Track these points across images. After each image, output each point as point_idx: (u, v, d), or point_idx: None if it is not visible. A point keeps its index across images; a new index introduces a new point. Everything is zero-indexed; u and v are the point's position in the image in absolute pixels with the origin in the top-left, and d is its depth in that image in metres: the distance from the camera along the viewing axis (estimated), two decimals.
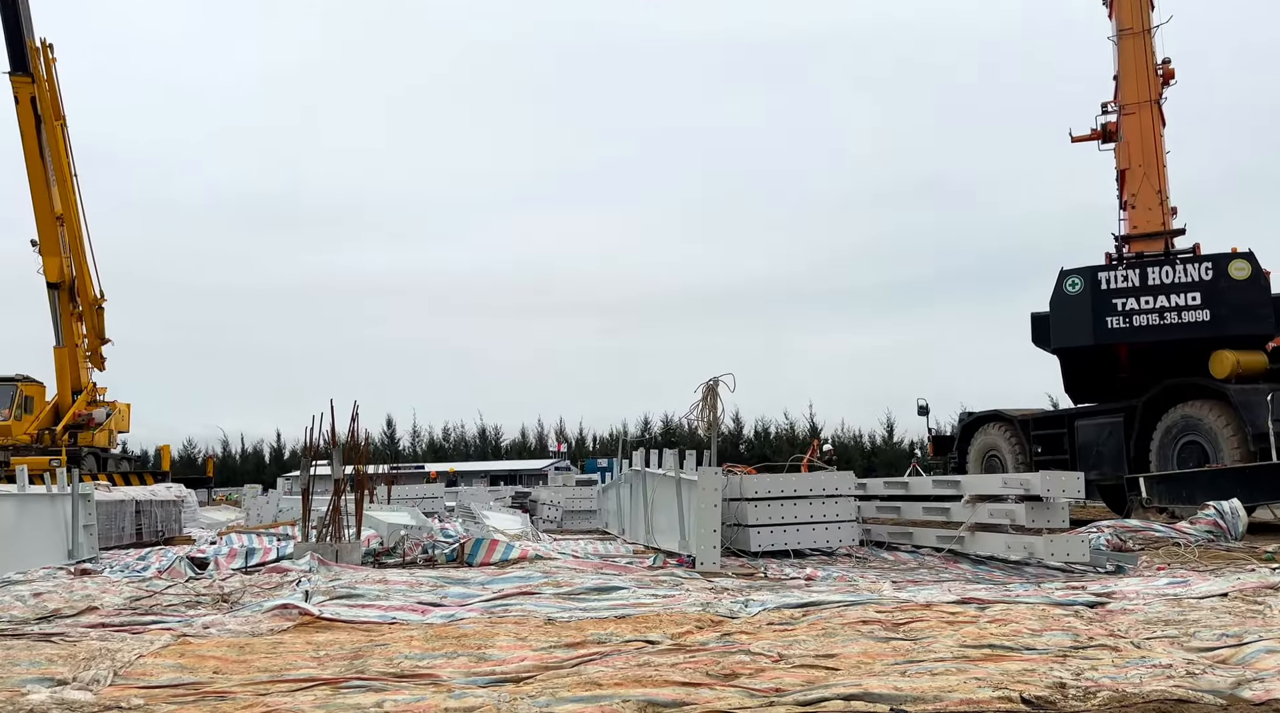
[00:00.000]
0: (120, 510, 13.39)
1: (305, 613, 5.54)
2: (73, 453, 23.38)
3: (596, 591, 6.53)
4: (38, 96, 21.83)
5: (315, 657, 4.37)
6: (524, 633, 4.89)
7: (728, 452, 41.11)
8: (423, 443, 54.55)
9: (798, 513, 9.36)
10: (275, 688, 3.64)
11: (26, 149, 22.12)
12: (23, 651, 4.48)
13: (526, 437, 55.05)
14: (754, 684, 3.54)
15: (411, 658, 4.25)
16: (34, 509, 9.43)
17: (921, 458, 29.81)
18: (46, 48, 22.19)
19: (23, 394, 24.74)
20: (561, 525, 20.35)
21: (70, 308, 23.70)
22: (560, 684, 3.56)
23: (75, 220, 23.23)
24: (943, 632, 4.60)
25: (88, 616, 5.77)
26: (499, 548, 9.52)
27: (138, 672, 3.99)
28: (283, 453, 51.26)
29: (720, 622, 5.15)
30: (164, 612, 5.95)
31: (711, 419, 10.62)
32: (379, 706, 3.30)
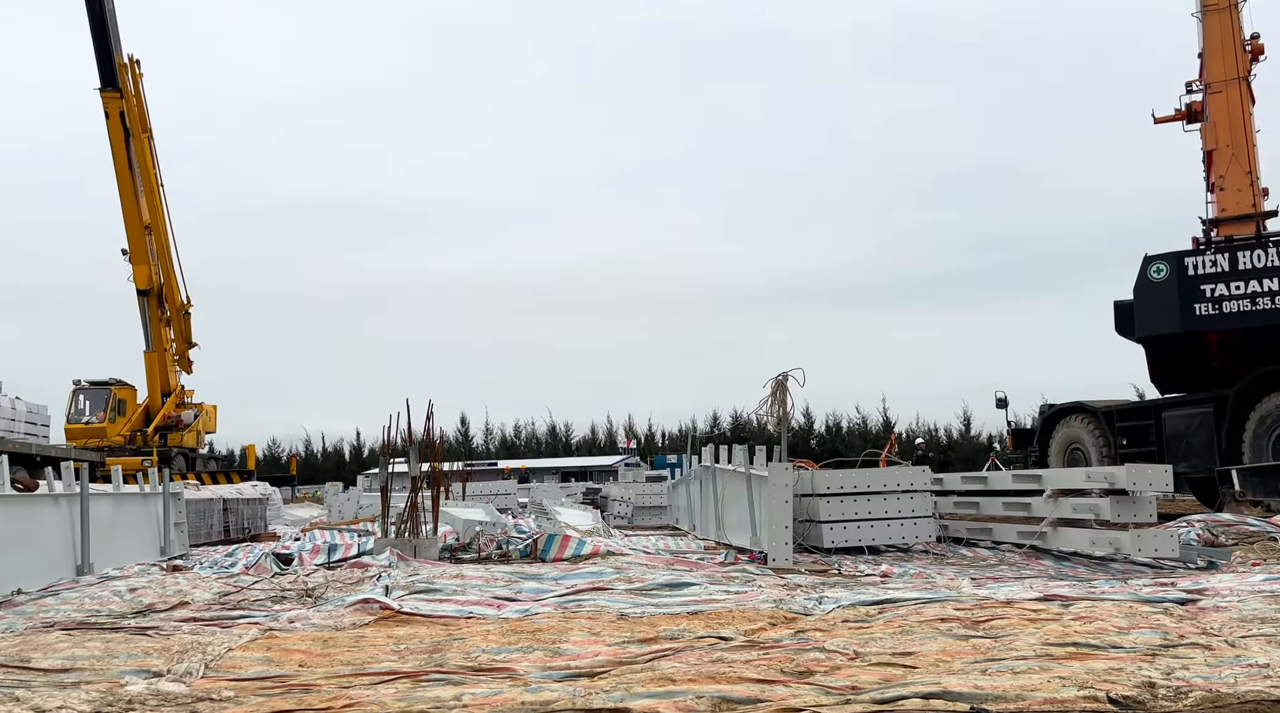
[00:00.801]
0: (209, 509, 13.89)
1: (385, 608, 5.67)
2: (163, 453, 24.32)
3: (668, 586, 6.55)
4: (126, 111, 22.73)
5: (396, 650, 4.47)
6: (597, 628, 4.93)
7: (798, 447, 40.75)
8: (495, 440, 55.36)
9: (872, 509, 9.23)
10: (358, 681, 3.74)
11: (116, 161, 23.05)
12: (121, 644, 4.68)
13: (596, 433, 55.43)
14: (829, 682, 3.50)
15: (488, 652, 4.31)
16: (128, 508, 9.84)
17: (1000, 452, 29.10)
18: (134, 63, 23.09)
19: (116, 397, 25.84)
20: (632, 521, 20.44)
21: (159, 314, 24.64)
22: (634, 679, 3.57)
23: (162, 229, 24.15)
24: (1025, 630, 4.49)
25: (180, 610, 6.00)
26: (571, 544, 9.61)
27: (227, 665, 4.13)
28: (362, 451, 52.53)
29: (794, 619, 5.11)
30: (251, 607, 6.15)
31: (781, 414, 10.51)
32: (457, 699, 3.36)
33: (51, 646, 4.61)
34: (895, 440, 29.47)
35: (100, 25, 21.91)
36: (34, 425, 18.70)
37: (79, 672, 4.01)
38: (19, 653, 4.41)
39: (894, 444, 27.47)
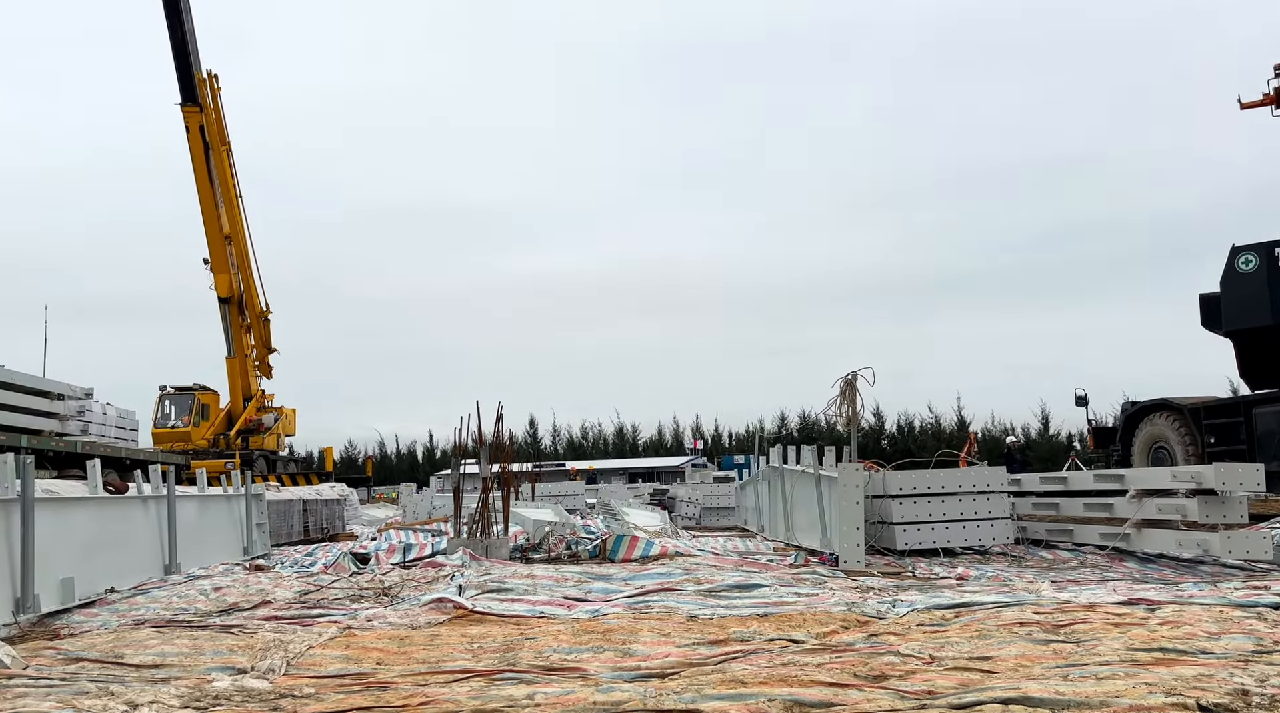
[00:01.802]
0: (289, 509, 14.30)
1: (459, 607, 5.76)
2: (245, 456, 25.09)
3: (738, 588, 6.51)
4: (206, 125, 23.49)
5: (469, 649, 4.54)
6: (667, 629, 4.92)
7: (869, 448, 40.14)
8: (562, 441, 55.80)
9: (946, 510, 9.05)
10: (433, 679, 3.80)
11: (197, 174, 23.84)
12: (207, 641, 4.84)
13: (663, 434, 55.47)
14: (905, 686, 3.44)
15: (559, 652, 4.35)
16: (213, 509, 10.17)
17: (1081, 451, 28.24)
18: (212, 78, 23.85)
19: (200, 402, 26.74)
20: (700, 522, 20.39)
21: (240, 321, 25.41)
22: (705, 681, 3.56)
23: (242, 239, 24.90)
24: (1108, 634, 4.35)
25: (262, 609, 6.19)
26: (640, 545, 9.63)
27: (308, 662, 4.25)
28: (434, 452, 53.48)
29: (867, 622, 5.04)
30: (330, 605, 6.30)
31: (851, 414, 10.37)
32: (530, 698, 3.39)
33: (143, 642, 4.80)
34: (974, 440, 28.60)
35: (181, 43, 22.68)
36: (123, 430, 19.47)
37: (168, 668, 4.16)
38: (113, 649, 4.60)
39: (973, 443, 26.70)
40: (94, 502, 7.34)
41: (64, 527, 6.50)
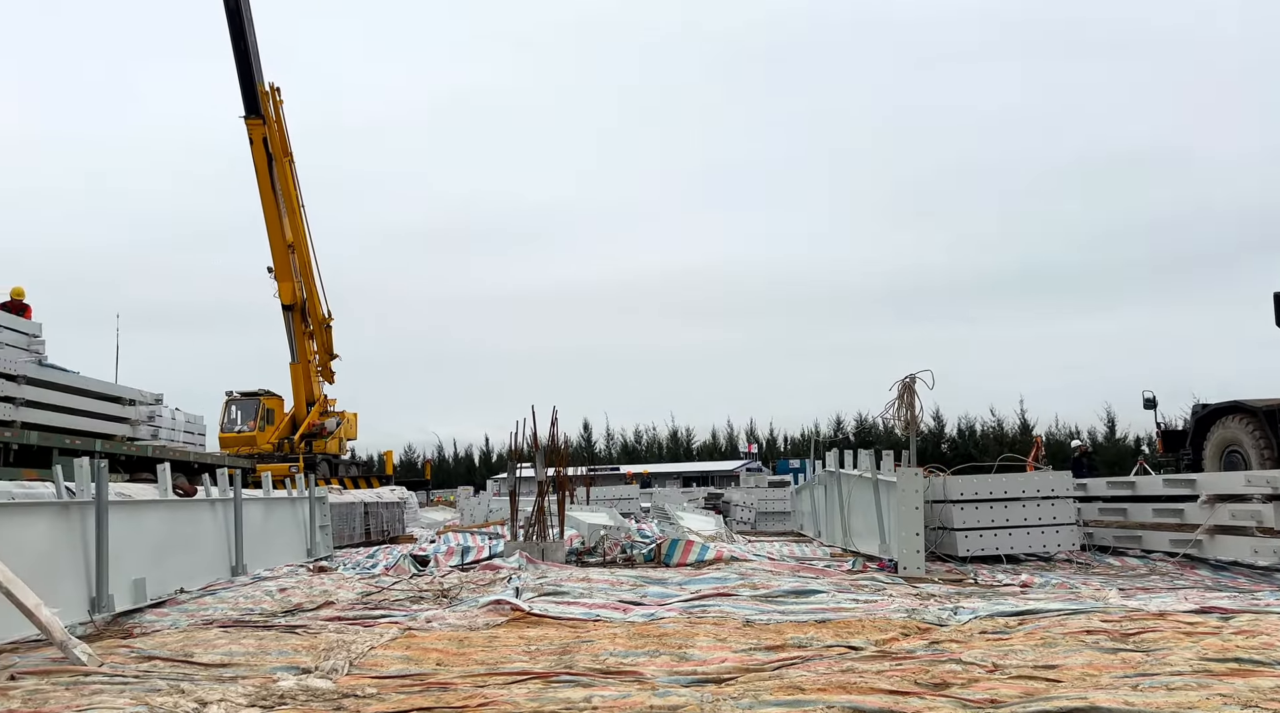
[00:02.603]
0: (351, 512, 14.57)
1: (516, 609, 5.81)
2: (309, 460, 25.61)
3: (794, 594, 6.46)
4: (269, 137, 24.08)
5: (527, 651, 4.57)
6: (723, 634, 4.90)
7: (928, 452, 39.54)
8: (616, 445, 55.97)
9: (1009, 516, 8.86)
10: (492, 681, 3.84)
11: (260, 184, 24.44)
12: (272, 641, 4.95)
13: (717, 438, 55.31)
14: (967, 695, 3.38)
15: (616, 655, 4.36)
16: (278, 511, 10.41)
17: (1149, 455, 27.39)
18: (275, 91, 24.44)
19: (265, 407, 27.38)
20: (755, 527, 20.26)
21: (303, 327, 25.97)
22: (762, 687, 3.54)
23: (304, 247, 25.45)
24: (1179, 643, 4.21)
25: (326, 609, 6.31)
26: (694, 549, 9.61)
27: (370, 662, 4.32)
28: (491, 455, 54.08)
29: (927, 629, 4.96)
30: (391, 606, 6.41)
31: (909, 418, 10.23)
32: (587, 701, 3.40)
33: (211, 642, 4.93)
34: (1041, 443, 27.81)
35: (244, 57, 23.29)
36: (191, 435, 20.02)
37: (235, 667, 4.27)
38: (183, 648, 4.73)
39: (1040, 447, 26.00)
40: (164, 504, 7.55)
41: (136, 529, 6.70)
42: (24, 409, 13.21)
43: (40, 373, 13.91)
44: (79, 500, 5.93)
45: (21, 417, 13.11)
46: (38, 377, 13.74)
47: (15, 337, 14.36)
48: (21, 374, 13.26)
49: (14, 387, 13.06)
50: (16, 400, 13.09)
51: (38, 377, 13.74)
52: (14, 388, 13.06)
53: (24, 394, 13.24)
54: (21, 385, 13.23)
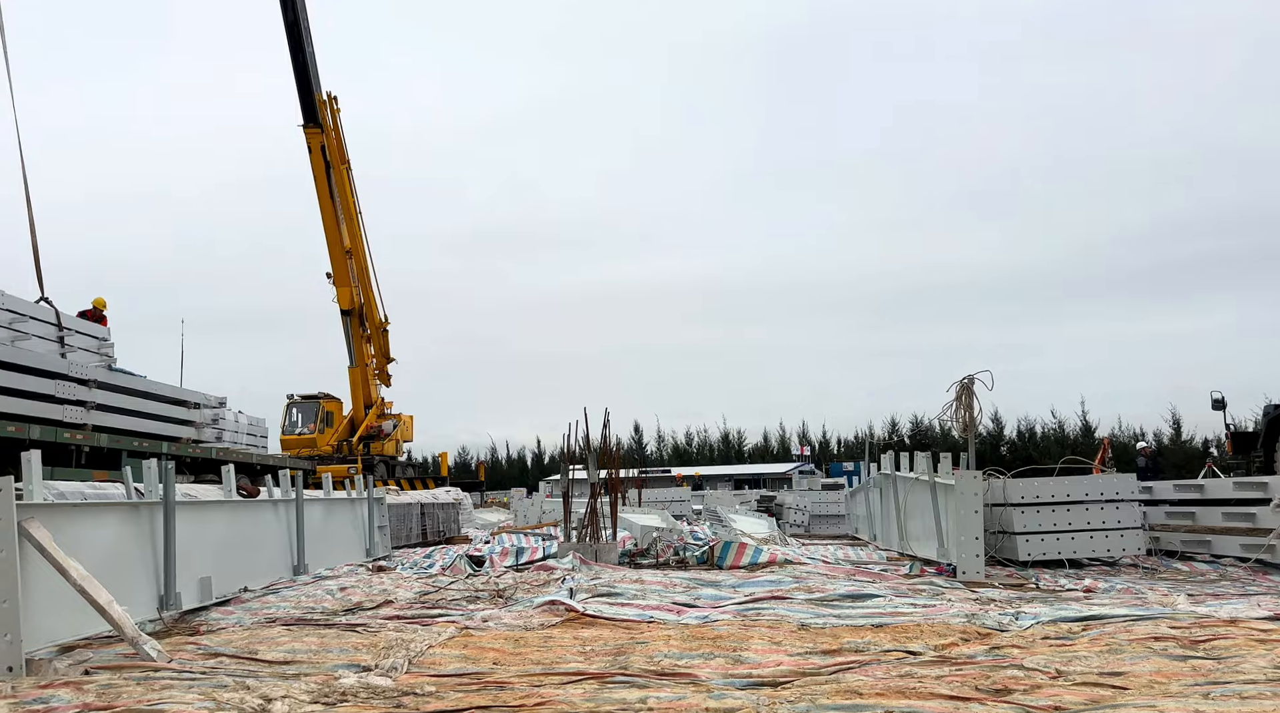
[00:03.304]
0: (408, 513, 14.77)
1: (571, 610, 5.84)
2: (367, 461, 26.06)
3: (850, 598, 6.39)
4: (326, 145, 24.56)
5: (582, 652, 4.60)
6: (778, 638, 4.87)
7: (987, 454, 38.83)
8: (668, 447, 55.93)
9: (1072, 519, 8.66)
10: (547, 680, 3.86)
11: (319, 192, 24.94)
12: (334, 639, 5.05)
13: (769, 440, 54.99)
14: (1030, 701, 3.31)
15: (670, 657, 4.36)
16: (338, 512, 10.61)
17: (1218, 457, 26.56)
18: (332, 100, 24.93)
19: (324, 410, 27.94)
20: (809, 530, 20.08)
21: (360, 332, 26.43)
22: (819, 691, 3.51)
23: (362, 253, 25.92)
24: (1253, 651, 4.08)
25: (385, 609, 6.41)
26: (748, 551, 9.56)
27: (428, 661, 4.38)
28: (543, 457, 54.46)
29: (988, 634, 4.87)
30: (448, 606, 6.49)
31: (967, 420, 10.04)
32: (643, 702, 3.41)
33: (274, 639, 5.04)
34: (1109, 445, 27.05)
35: (302, 67, 23.80)
36: (254, 437, 20.49)
37: (298, 664, 4.36)
38: (247, 646, 4.84)
39: (1107, 449, 25.31)
40: (229, 505, 7.74)
41: (202, 529, 6.88)
42: (94, 412, 13.66)
43: (110, 377, 14.37)
44: (147, 501, 6.10)
45: (92, 420, 13.56)
46: (107, 381, 14.19)
47: (88, 341, 14.88)
48: (92, 378, 13.71)
49: (85, 391, 13.51)
50: (88, 404, 13.54)
51: (107, 381, 14.19)
52: (85, 392, 13.51)
53: (94, 398, 13.69)
54: (92, 389, 13.67)
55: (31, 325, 13.49)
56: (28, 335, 13.36)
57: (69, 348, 14.18)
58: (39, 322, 13.76)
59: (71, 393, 13.21)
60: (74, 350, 14.34)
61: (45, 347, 13.70)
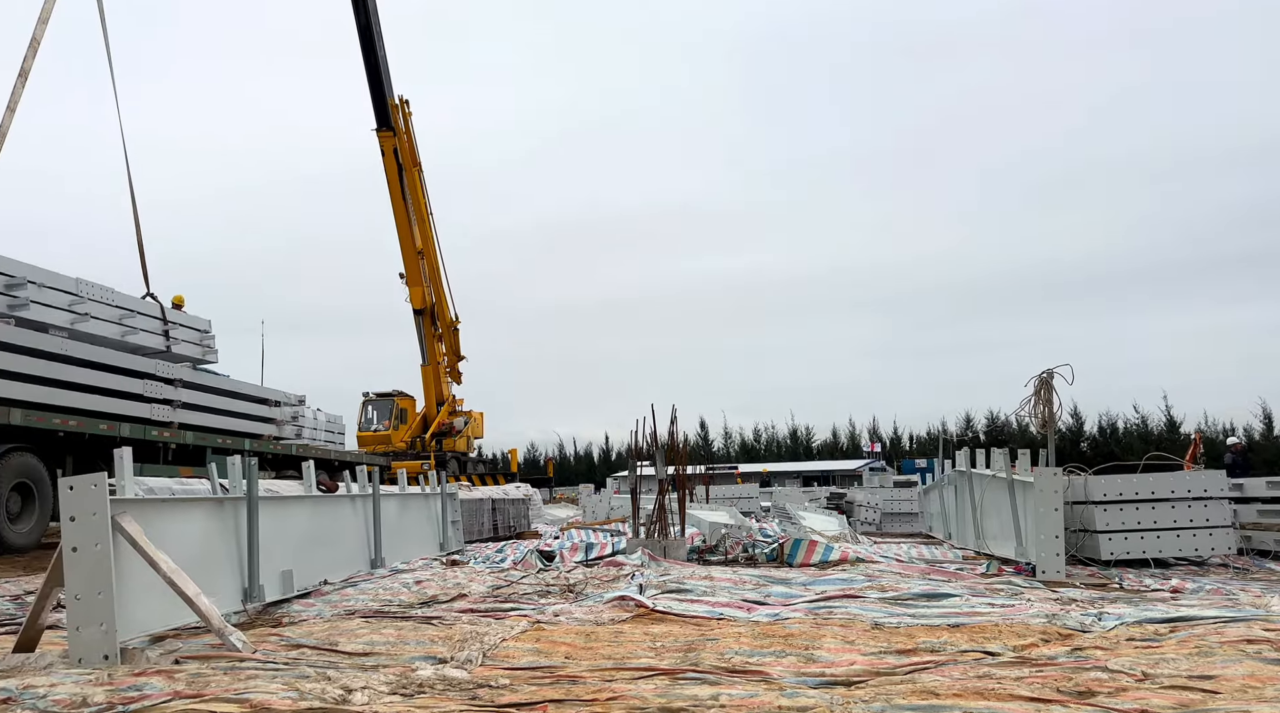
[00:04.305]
0: (479, 508, 15.01)
1: (641, 605, 5.86)
2: (439, 457, 26.54)
3: (925, 597, 6.28)
4: (399, 148, 25.06)
5: (652, 647, 4.61)
6: (851, 636, 4.81)
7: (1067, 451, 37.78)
8: (734, 444, 55.65)
9: (1157, 518, 8.37)
10: (619, 675, 3.88)
11: (391, 194, 25.47)
12: (410, 631, 5.15)
13: (838, 437, 54.33)
14: (1114, 704, 3.21)
15: (741, 654, 4.34)
16: (412, 507, 10.82)
17: None
18: (404, 103, 25.42)
19: (398, 407, 28.54)
20: (880, 528, 19.80)
21: (432, 330, 26.93)
22: (894, 691, 3.46)
23: (433, 253, 26.39)
24: None
25: (459, 602, 6.52)
26: (818, 549, 9.47)
27: (502, 654, 4.44)
28: (610, 454, 54.71)
29: (1069, 635, 4.74)
30: (520, 600, 6.57)
31: (1047, 415, 9.77)
32: (714, 699, 3.40)
33: (354, 631, 5.16)
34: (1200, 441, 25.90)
35: (375, 72, 24.32)
36: (332, 434, 21.05)
37: (377, 656, 4.46)
38: (328, 637, 4.97)
39: (1199, 445, 24.25)
40: (309, 500, 7.95)
41: (283, 523, 7.08)
42: (181, 411, 14.20)
43: (195, 377, 14.91)
44: (231, 496, 6.31)
45: (178, 418, 14.09)
46: (193, 381, 14.73)
47: (191, 334, 15.49)
48: (178, 378, 14.25)
49: (171, 390, 14.05)
50: (174, 403, 14.07)
51: (193, 381, 14.73)
52: (171, 391, 14.05)
53: (181, 397, 14.22)
54: (178, 389, 14.21)
55: (139, 320, 14.13)
56: (136, 330, 14.00)
57: (174, 341, 14.82)
58: (146, 317, 14.40)
59: (159, 392, 13.74)
60: (179, 343, 14.96)
61: (152, 340, 14.34)
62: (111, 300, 13.52)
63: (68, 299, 12.68)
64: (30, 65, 12.38)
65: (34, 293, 11.98)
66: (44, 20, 12.60)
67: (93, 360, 12.54)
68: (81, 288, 12.92)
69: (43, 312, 12.14)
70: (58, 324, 12.44)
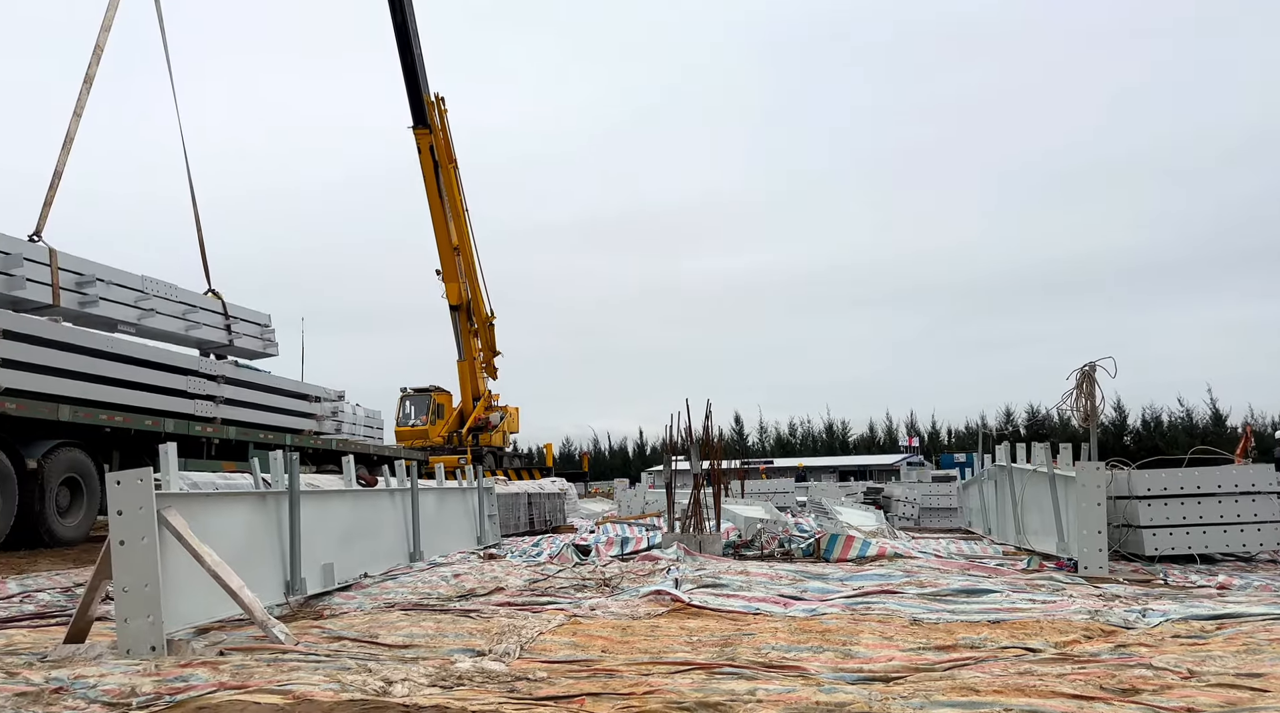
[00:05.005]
0: (516, 502, 15.10)
1: (676, 600, 5.87)
2: (475, 452, 26.73)
3: (965, 593, 6.22)
4: (435, 145, 25.22)
5: (689, 642, 4.61)
6: (889, 632, 4.78)
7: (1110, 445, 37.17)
8: (770, 439, 55.44)
9: (1203, 513, 8.21)
10: (656, 669, 3.89)
11: (427, 191, 25.65)
12: (449, 624, 5.20)
13: (875, 431, 53.92)
14: (1160, 702, 3.16)
15: (778, 649, 4.32)
16: (450, 501, 10.92)
17: None
18: (440, 100, 25.57)
19: (435, 402, 28.80)
20: (918, 523, 19.62)
21: (468, 326, 27.11)
22: (933, 688, 3.43)
23: (469, 249, 26.55)
24: None
25: (496, 595, 6.57)
26: (855, 544, 9.40)
27: (539, 647, 4.47)
28: (645, 448, 54.74)
29: (1112, 632, 4.66)
30: (557, 594, 6.60)
31: (1089, 409, 9.62)
32: (751, 693, 3.39)
33: (394, 624, 5.22)
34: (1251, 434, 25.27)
35: (411, 69, 24.49)
36: (371, 428, 21.30)
37: (416, 648, 4.51)
38: (368, 630, 5.04)
39: (1249, 438, 23.66)
40: (349, 494, 8.06)
41: (324, 517, 7.18)
42: (223, 407, 14.44)
43: (237, 373, 15.16)
44: (274, 491, 6.41)
45: (221, 414, 14.34)
46: (235, 377, 14.97)
47: (250, 327, 15.82)
48: (220, 375, 14.49)
49: (214, 386, 14.29)
50: (217, 399, 14.31)
51: (235, 377, 14.97)
52: (214, 387, 14.28)
53: (223, 393, 14.46)
54: (221, 385, 14.45)
55: (202, 315, 14.47)
56: (199, 325, 14.34)
57: (235, 335, 15.16)
58: (208, 312, 14.73)
59: (202, 388, 13.99)
60: (240, 336, 15.30)
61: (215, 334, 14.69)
62: (175, 296, 13.89)
63: (134, 296, 13.05)
64: (94, 71, 12.78)
65: (102, 290, 12.41)
66: (106, 28, 12.97)
67: (138, 357, 12.80)
68: (147, 285, 13.31)
69: (111, 308, 12.58)
70: (125, 320, 12.84)
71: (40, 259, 11.71)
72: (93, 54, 12.80)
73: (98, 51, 12.84)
